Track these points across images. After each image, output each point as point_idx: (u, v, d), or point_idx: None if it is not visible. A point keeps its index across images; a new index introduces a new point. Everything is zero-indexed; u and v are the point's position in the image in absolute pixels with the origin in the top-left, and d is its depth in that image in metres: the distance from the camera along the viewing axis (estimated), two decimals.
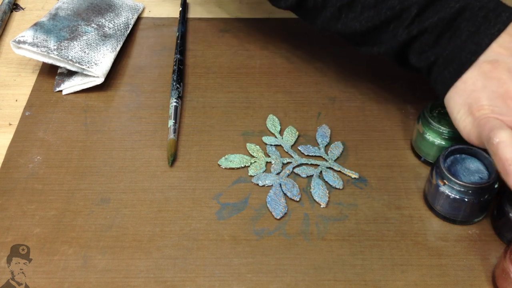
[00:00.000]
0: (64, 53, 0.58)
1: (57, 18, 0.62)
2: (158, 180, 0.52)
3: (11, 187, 0.52)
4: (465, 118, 0.45)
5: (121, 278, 0.46)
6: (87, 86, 0.60)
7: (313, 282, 0.45)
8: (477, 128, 0.44)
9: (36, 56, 0.59)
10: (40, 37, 0.59)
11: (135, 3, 0.68)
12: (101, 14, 0.64)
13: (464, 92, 0.45)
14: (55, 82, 0.61)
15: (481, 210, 0.48)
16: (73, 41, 0.60)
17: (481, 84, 0.44)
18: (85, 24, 0.62)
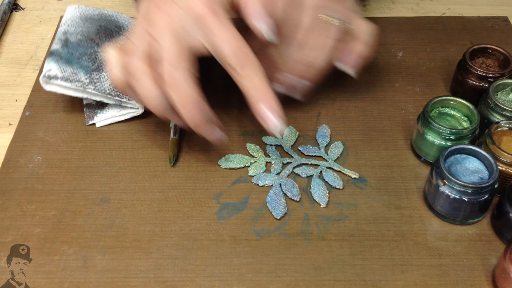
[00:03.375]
0: (99, 86, 0.56)
1: (69, 45, 0.59)
2: (158, 180, 0.52)
3: (11, 187, 0.52)
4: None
5: (121, 278, 0.46)
6: (125, 117, 0.57)
7: (313, 282, 0.45)
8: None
9: (69, 92, 0.56)
10: (67, 70, 0.56)
11: None
12: (114, 38, 0.61)
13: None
14: (86, 115, 0.57)
15: (481, 210, 0.48)
16: (101, 72, 0.57)
17: (141, 14, 0.50)
18: (102, 51, 0.59)
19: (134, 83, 0.48)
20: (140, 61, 0.47)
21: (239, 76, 0.47)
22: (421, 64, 0.64)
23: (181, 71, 0.46)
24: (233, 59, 0.46)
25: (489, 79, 0.55)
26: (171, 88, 0.46)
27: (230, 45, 0.46)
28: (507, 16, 0.71)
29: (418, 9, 0.73)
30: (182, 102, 0.47)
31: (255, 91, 0.47)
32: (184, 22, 0.47)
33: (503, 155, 0.48)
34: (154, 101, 0.47)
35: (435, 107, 0.54)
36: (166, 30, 0.47)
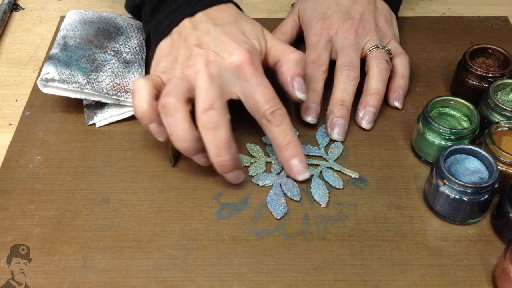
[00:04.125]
0: (97, 86, 0.56)
1: (68, 48, 0.59)
2: (158, 180, 0.52)
3: (11, 187, 0.52)
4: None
5: (121, 278, 0.46)
6: (125, 116, 0.58)
7: (313, 282, 0.45)
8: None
9: (67, 93, 0.56)
10: (65, 72, 0.56)
11: (137, 22, 0.66)
12: (113, 38, 0.61)
13: (154, 59, 0.53)
14: (86, 115, 0.57)
15: (481, 210, 0.48)
16: (99, 73, 0.57)
17: (167, 51, 0.52)
18: (101, 52, 0.59)
19: (169, 121, 0.48)
20: (179, 101, 0.47)
21: (268, 122, 0.49)
22: (421, 64, 0.64)
23: (219, 114, 0.47)
24: (264, 106, 0.49)
25: (489, 79, 0.55)
26: (207, 130, 0.47)
27: (263, 93, 0.49)
28: (507, 16, 0.71)
29: (418, 9, 0.73)
30: (216, 146, 0.47)
31: (283, 138, 0.50)
32: (221, 68, 0.49)
33: (503, 155, 0.48)
34: (185, 142, 0.48)
35: (435, 107, 0.54)
36: (204, 74, 0.48)
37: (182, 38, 0.51)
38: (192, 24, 0.52)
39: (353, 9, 0.61)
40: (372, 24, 0.60)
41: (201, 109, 0.47)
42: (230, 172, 0.49)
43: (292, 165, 0.50)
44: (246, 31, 0.52)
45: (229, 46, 0.49)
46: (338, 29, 0.60)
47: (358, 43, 0.59)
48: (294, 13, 0.65)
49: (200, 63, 0.49)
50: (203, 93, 0.48)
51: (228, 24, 0.52)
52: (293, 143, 0.50)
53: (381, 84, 0.56)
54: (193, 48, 0.50)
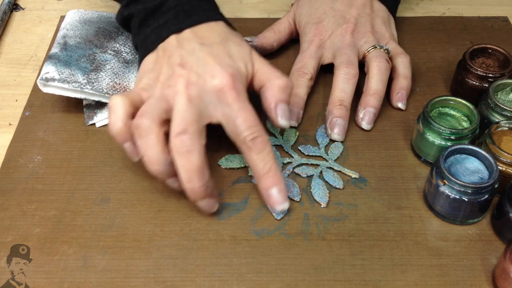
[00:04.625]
0: (97, 86, 0.55)
1: (68, 48, 0.59)
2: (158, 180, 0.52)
3: (11, 187, 0.52)
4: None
5: (121, 278, 0.46)
6: None
7: (313, 282, 0.45)
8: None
9: (67, 93, 0.56)
10: (65, 72, 0.56)
11: None
12: (113, 38, 0.61)
13: (138, 73, 0.52)
14: (86, 115, 0.57)
15: (481, 210, 0.48)
16: (99, 72, 0.57)
17: (150, 67, 0.51)
18: (101, 52, 0.59)
19: (141, 142, 0.46)
20: (153, 122, 0.46)
21: (249, 148, 0.47)
22: (421, 64, 0.64)
23: (193, 138, 0.46)
24: (245, 132, 0.47)
25: (489, 79, 0.55)
26: (179, 154, 0.46)
27: (244, 119, 0.47)
28: (507, 16, 0.71)
29: (418, 9, 0.73)
30: (188, 171, 0.46)
31: (263, 166, 0.48)
32: (201, 91, 0.48)
33: (503, 155, 0.48)
34: (157, 165, 0.46)
35: (435, 107, 0.54)
36: (183, 96, 0.47)
37: (167, 55, 0.50)
38: (178, 41, 0.50)
39: (348, 13, 0.61)
40: (368, 26, 0.60)
41: (174, 132, 0.46)
42: (202, 200, 0.47)
43: (270, 194, 0.48)
44: (233, 53, 0.50)
45: (213, 69, 0.48)
46: (332, 33, 0.60)
47: (354, 44, 0.59)
48: (290, 16, 0.65)
49: (181, 84, 0.47)
50: (179, 115, 0.46)
51: (215, 44, 0.50)
52: (273, 171, 0.48)
53: (381, 84, 0.56)
54: (176, 68, 0.48)
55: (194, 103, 0.47)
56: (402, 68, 0.58)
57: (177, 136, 0.46)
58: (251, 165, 0.48)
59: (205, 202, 0.48)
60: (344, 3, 0.62)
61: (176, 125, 0.46)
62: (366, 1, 0.62)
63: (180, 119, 0.46)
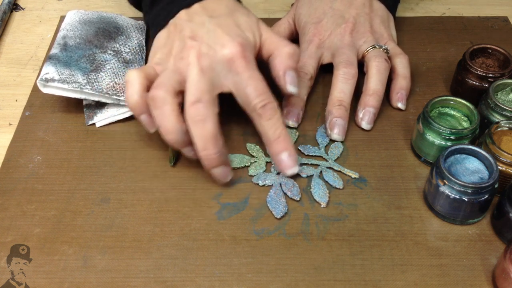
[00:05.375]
0: (97, 86, 0.56)
1: (68, 48, 0.59)
2: (158, 180, 0.52)
3: (11, 187, 0.52)
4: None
5: (121, 278, 0.46)
6: (125, 116, 0.57)
7: (313, 282, 0.45)
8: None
9: (67, 93, 0.56)
10: (65, 72, 0.56)
11: (137, 22, 0.66)
12: (113, 38, 0.61)
13: (151, 50, 0.54)
14: (86, 115, 0.57)
15: (481, 210, 0.48)
16: (99, 72, 0.57)
17: (163, 42, 0.52)
18: (101, 52, 0.59)
19: (157, 113, 0.48)
20: (167, 93, 0.48)
21: (259, 116, 0.49)
22: (421, 64, 0.64)
23: (207, 107, 0.48)
24: (255, 99, 0.48)
25: (489, 79, 0.55)
26: (194, 123, 0.47)
27: (254, 86, 0.49)
28: (507, 16, 0.71)
29: (418, 9, 0.73)
30: (203, 139, 0.48)
31: (273, 132, 0.49)
32: (213, 61, 0.49)
33: (503, 155, 0.48)
34: (173, 134, 0.48)
35: (435, 107, 0.54)
36: (196, 67, 0.48)
37: (178, 30, 0.52)
38: (188, 15, 0.52)
39: (347, 13, 0.61)
40: (367, 26, 0.60)
41: (189, 101, 0.48)
42: (216, 167, 0.49)
43: (281, 159, 0.50)
44: (241, 23, 0.52)
45: (222, 39, 0.49)
46: (331, 33, 0.60)
47: (353, 44, 0.59)
48: (290, 16, 0.65)
49: (193, 55, 0.49)
50: (193, 85, 0.48)
51: (223, 16, 0.52)
52: (283, 136, 0.50)
53: (380, 84, 0.56)
54: (187, 40, 0.50)
55: (206, 73, 0.48)
56: (401, 68, 0.58)
57: (191, 105, 0.47)
58: (261, 132, 0.50)
59: (219, 169, 0.49)
60: (344, 2, 0.62)
61: (190, 94, 0.48)
62: (365, 0, 0.62)
63: (193, 88, 0.48)
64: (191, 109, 0.47)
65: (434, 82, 0.62)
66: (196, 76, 0.48)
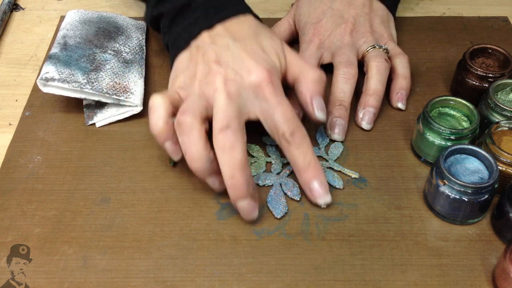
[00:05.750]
0: (97, 86, 0.55)
1: (68, 48, 0.59)
2: (158, 180, 0.52)
3: (11, 187, 0.52)
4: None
5: (121, 278, 0.46)
6: (125, 116, 0.57)
7: (313, 282, 0.45)
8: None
9: (67, 93, 0.55)
10: (65, 71, 0.56)
11: (138, 22, 0.66)
12: (113, 38, 0.61)
13: (172, 72, 0.53)
14: (85, 115, 0.57)
15: (481, 210, 0.48)
16: (99, 72, 0.57)
17: (185, 65, 0.51)
18: (101, 51, 0.59)
19: (184, 139, 0.47)
20: (195, 119, 0.46)
21: (288, 143, 0.48)
22: (421, 64, 0.64)
23: (236, 134, 0.46)
24: (284, 127, 0.47)
25: (489, 79, 0.55)
26: (223, 150, 0.46)
27: (282, 113, 0.47)
28: (507, 16, 0.71)
29: (418, 9, 0.73)
30: (231, 167, 0.46)
31: (303, 160, 0.48)
32: (240, 87, 0.48)
33: (503, 155, 0.48)
34: (199, 162, 0.46)
35: (435, 107, 0.54)
36: (223, 93, 0.47)
37: (201, 53, 0.50)
38: (210, 38, 0.51)
39: (346, 13, 0.61)
40: (367, 26, 0.60)
41: (217, 128, 0.46)
42: (243, 199, 0.47)
43: (312, 188, 0.49)
44: (266, 46, 0.51)
45: (248, 64, 0.48)
46: (331, 33, 0.60)
47: (353, 44, 0.59)
48: (290, 16, 0.65)
49: (219, 81, 0.48)
50: (221, 112, 0.47)
51: (248, 39, 0.51)
52: (313, 165, 0.48)
53: (380, 84, 0.56)
54: (212, 65, 0.49)
55: (234, 99, 0.47)
56: (401, 68, 0.58)
57: (220, 132, 0.46)
58: (290, 159, 0.49)
59: (245, 202, 0.47)
60: (343, 2, 0.62)
61: (218, 121, 0.46)
62: (365, 0, 0.62)
63: (222, 115, 0.47)
64: (219, 136, 0.46)
65: (434, 82, 0.62)
66: (224, 102, 0.47)
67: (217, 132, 0.46)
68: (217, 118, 0.47)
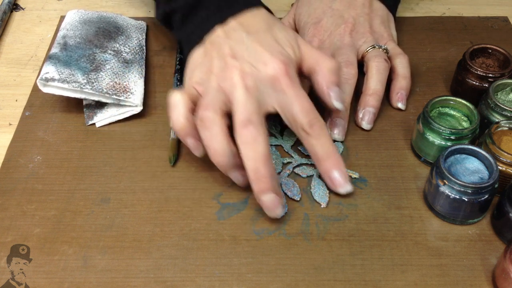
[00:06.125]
0: (97, 86, 0.55)
1: (68, 48, 0.59)
2: (158, 180, 0.53)
3: (11, 187, 0.52)
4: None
5: (121, 278, 0.46)
6: (125, 116, 0.57)
7: (313, 282, 0.45)
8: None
9: (67, 93, 0.55)
10: (65, 72, 0.56)
11: (138, 22, 0.67)
12: (113, 38, 0.61)
13: (187, 68, 0.53)
14: (85, 115, 0.57)
15: (481, 210, 0.48)
16: (99, 72, 0.57)
17: (200, 60, 0.51)
18: (101, 51, 0.59)
19: (206, 134, 0.47)
20: (216, 114, 0.47)
21: (307, 134, 0.48)
22: (421, 64, 0.64)
23: (258, 128, 0.46)
24: (303, 118, 0.47)
25: (489, 79, 0.55)
26: (246, 144, 0.46)
27: (300, 105, 0.48)
28: (507, 16, 0.71)
29: (418, 9, 0.73)
30: (255, 160, 0.46)
31: (323, 150, 0.48)
32: (257, 80, 0.48)
33: (503, 155, 0.48)
34: (222, 156, 0.47)
35: (435, 107, 0.54)
36: (241, 87, 0.47)
37: (215, 48, 0.50)
38: (224, 32, 0.51)
39: (346, 13, 0.61)
40: (367, 27, 0.60)
41: (239, 123, 0.46)
42: (267, 193, 0.46)
43: (332, 177, 0.49)
44: (280, 38, 0.51)
45: (264, 57, 0.48)
46: (331, 34, 0.60)
47: (353, 44, 0.59)
48: (290, 16, 0.65)
49: (236, 75, 0.48)
50: (241, 106, 0.47)
51: (261, 31, 0.51)
52: (333, 155, 0.49)
53: (380, 84, 0.56)
54: (228, 59, 0.49)
55: (252, 93, 0.47)
56: (401, 68, 0.58)
57: (242, 127, 0.46)
58: (310, 150, 0.49)
59: (269, 197, 0.47)
60: (343, 3, 0.62)
61: (240, 115, 0.47)
62: (365, 0, 0.62)
63: (243, 109, 0.47)
64: (242, 131, 0.46)
65: (434, 82, 0.62)
66: (243, 97, 0.47)
67: (239, 127, 0.46)
68: (238, 113, 0.47)
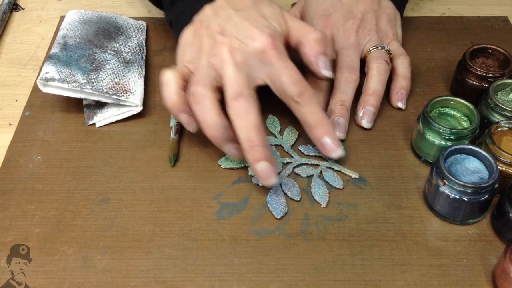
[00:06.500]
0: (97, 86, 0.55)
1: (68, 48, 0.59)
2: (158, 180, 0.53)
3: (11, 187, 0.52)
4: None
5: (121, 278, 0.46)
6: (125, 116, 0.57)
7: (313, 282, 0.45)
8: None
9: (67, 93, 0.56)
10: (65, 71, 0.56)
11: (138, 22, 0.67)
12: (113, 38, 0.61)
13: (179, 48, 0.53)
14: (85, 115, 0.57)
15: (481, 210, 0.48)
16: (99, 72, 0.57)
17: (190, 39, 0.52)
18: (101, 51, 0.59)
19: (198, 108, 0.49)
20: (207, 89, 0.49)
21: (297, 104, 0.49)
22: (421, 64, 0.64)
23: (249, 101, 0.48)
24: (292, 88, 0.49)
25: (489, 79, 0.55)
26: (238, 116, 0.48)
27: (289, 76, 0.49)
28: (507, 16, 0.71)
29: (418, 9, 0.73)
30: (248, 130, 0.47)
31: (313, 118, 0.50)
32: (245, 55, 0.49)
33: (503, 155, 0.48)
34: (215, 129, 0.49)
35: (435, 107, 0.54)
36: (231, 62, 0.49)
37: (204, 26, 0.52)
38: (213, 10, 0.52)
39: (355, 8, 0.61)
40: (373, 24, 0.60)
41: (230, 97, 0.48)
42: (261, 161, 0.48)
43: (324, 143, 0.51)
44: (266, 14, 0.52)
45: (251, 32, 0.50)
46: (339, 28, 0.60)
47: (358, 44, 0.59)
48: (297, 9, 0.66)
49: (225, 51, 0.49)
50: (231, 81, 0.48)
51: (248, 8, 0.52)
52: (324, 122, 0.50)
53: (380, 85, 0.56)
54: (217, 36, 0.50)
55: (241, 67, 0.49)
56: (402, 68, 0.58)
57: (234, 99, 0.48)
58: (301, 119, 0.50)
59: (263, 165, 0.48)
60: None
61: (230, 90, 0.48)
62: None
63: (233, 84, 0.48)
64: (233, 104, 0.48)
65: (434, 82, 0.62)
66: (233, 72, 0.48)
67: (230, 101, 0.48)
68: (228, 88, 0.48)
